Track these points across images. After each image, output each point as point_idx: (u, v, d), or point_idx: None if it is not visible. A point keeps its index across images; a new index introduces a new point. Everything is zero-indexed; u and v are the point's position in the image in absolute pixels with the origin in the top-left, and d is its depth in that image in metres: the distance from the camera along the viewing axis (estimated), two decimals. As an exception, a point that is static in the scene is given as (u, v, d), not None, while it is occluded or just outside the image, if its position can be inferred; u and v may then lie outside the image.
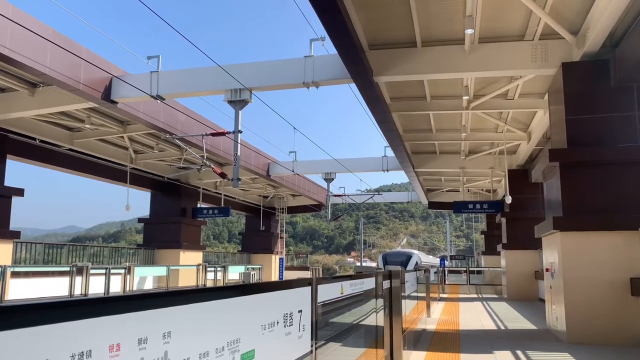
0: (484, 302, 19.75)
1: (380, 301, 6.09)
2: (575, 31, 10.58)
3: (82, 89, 13.34)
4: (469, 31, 10.37)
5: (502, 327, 12.42)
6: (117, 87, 14.43)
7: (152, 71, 14.41)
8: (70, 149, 19.49)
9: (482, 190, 30.75)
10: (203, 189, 26.93)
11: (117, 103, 14.68)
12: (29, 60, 11.82)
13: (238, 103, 13.61)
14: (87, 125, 17.77)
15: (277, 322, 2.71)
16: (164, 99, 14.57)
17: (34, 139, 17.78)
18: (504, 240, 22.48)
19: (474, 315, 14.85)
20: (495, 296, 23.48)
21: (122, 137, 19.51)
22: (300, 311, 3.06)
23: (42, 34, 11.49)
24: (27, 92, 14.52)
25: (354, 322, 5.34)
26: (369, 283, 5.43)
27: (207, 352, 2.02)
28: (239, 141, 13.93)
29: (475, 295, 24.36)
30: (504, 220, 22.73)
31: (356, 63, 10.89)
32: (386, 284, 6.48)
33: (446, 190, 32.42)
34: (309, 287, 3.27)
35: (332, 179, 26.50)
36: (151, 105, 16.10)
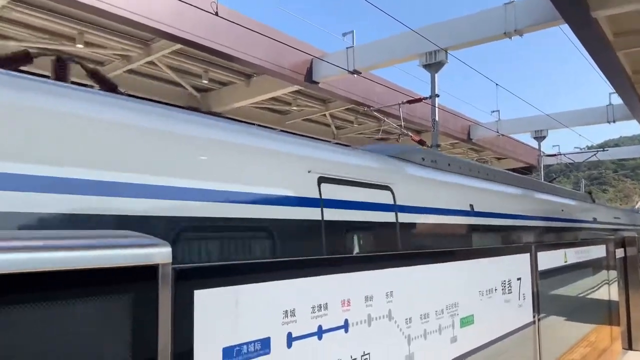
0: None
1: (613, 272, 5.30)
2: None
3: (287, 74, 14.52)
4: None
5: None
6: (318, 68, 15.31)
7: (347, 47, 14.88)
8: (282, 131, 21.55)
9: None
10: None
11: (319, 83, 15.61)
12: (242, 54, 13.30)
13: (433, 66, 13.20)
14: (294, 108, 19.37)
15: (495, 289, 2.56)
16: (360, 73, 14.95)
17: (253, 124, 20.13)
18: None
19: None
20: None
21: (325, 115, 20.78)
22: (519, 279, 2.83)
23: (250, 28, 12.73)
24: (244, 83, 16.46)
25: (580, 295, 4.75)
26: (597, 252, 4.75)
27: (427, 314, 2.07)
28: (437, 106, 13.53)
29: None
30: None
31: None
32: (619, 253, 5.60)
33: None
34: (528, 254, 2.98)
35: (544, 137, 24.13)
36: (348, 81, 16.68)
